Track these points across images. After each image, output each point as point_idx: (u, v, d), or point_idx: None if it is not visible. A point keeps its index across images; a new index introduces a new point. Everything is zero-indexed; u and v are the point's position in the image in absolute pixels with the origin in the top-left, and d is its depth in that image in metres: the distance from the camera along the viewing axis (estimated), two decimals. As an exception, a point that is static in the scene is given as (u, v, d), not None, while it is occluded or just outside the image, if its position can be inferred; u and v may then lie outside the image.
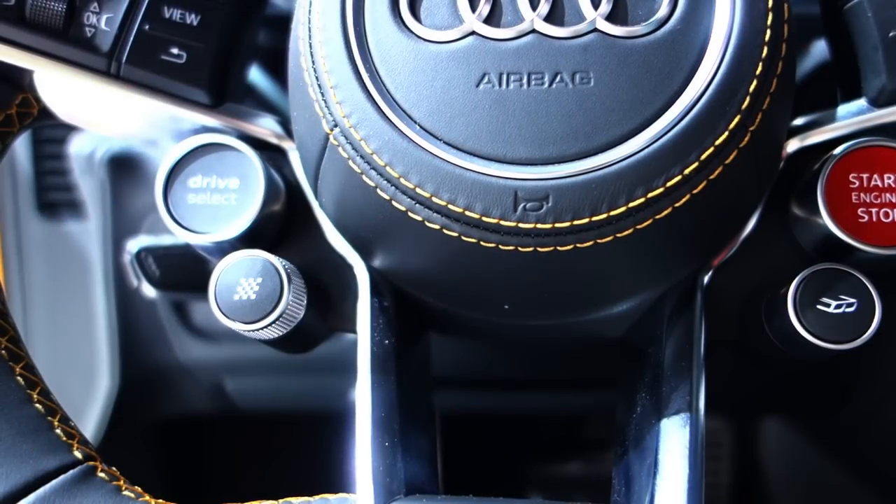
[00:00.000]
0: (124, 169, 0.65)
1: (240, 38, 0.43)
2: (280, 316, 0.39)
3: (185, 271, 0.57)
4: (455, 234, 0.35)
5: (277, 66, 0.49)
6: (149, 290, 0.63)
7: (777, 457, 0.83)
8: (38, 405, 0.38)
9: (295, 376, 0.68)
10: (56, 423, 0.38)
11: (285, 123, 0.44)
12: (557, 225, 0.34)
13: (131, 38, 0.40)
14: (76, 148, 0.67)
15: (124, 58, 0.40)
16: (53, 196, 0.72)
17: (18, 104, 0.44)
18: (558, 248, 0.34)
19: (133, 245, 0.59)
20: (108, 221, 0.65)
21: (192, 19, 0.41)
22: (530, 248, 0.34)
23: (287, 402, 0.73)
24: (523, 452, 0.87)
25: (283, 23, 0.45)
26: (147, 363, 0.68)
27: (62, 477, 0.37)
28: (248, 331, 0.40)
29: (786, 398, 0.70)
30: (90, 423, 0.68)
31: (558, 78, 0.34)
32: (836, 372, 0.63)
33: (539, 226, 0.34)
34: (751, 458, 0.84)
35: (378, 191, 0.35)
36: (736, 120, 0.34)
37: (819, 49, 0.51)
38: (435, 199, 0.34)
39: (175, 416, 0.75)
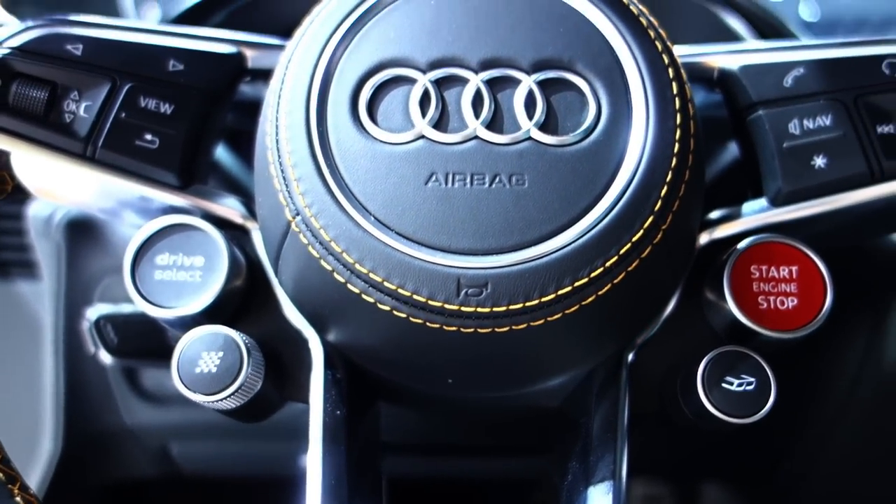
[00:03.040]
0: (81, 234, 0.66)
1: (209, 125, 0.46)
2: (239, 388, 0.41)
3: (143, 339, 0.58)
4: (404, 315, 0.38)
5: (242, 146, 0.52)
6: (105, 357, 0.63)
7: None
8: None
9: (242, 441, 0.69)
10: (16, 491, 0.39)
11: (248, 204, 0.47)
12: (495, 309, 0.37)
13: (108, 125, 0.43)
14: (34, 210, 0.68)
15: (100, 142, 0.43)
16: (5, 256, 0.72)
17: (-7, 181, 0.46)
18: (496, 329, 0.38)
19: (92, 313, 0.60)
20: (62, 284, 0.66)
21: (165, 108, 0.44)
22: (471, 329, 0.38)
23: (234, 466, 0.73)
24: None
25: (248, 107, 0.49)
26: (92, 427, 0.68)
27: None
28: (208, 402, 0.42)
29: (721, 465, 0.73)
30: (31, 487, 0.67)
31: (497, 179, 0.39)
32: (764, 439, 0.67)
33: (479, 309, 0.37)
34: None
35: (335, 274, 0.39)
36: (650, 220, 0.38)
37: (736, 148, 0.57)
38: (386, 284, 0.38)
39: (120, 480, 0.74)
